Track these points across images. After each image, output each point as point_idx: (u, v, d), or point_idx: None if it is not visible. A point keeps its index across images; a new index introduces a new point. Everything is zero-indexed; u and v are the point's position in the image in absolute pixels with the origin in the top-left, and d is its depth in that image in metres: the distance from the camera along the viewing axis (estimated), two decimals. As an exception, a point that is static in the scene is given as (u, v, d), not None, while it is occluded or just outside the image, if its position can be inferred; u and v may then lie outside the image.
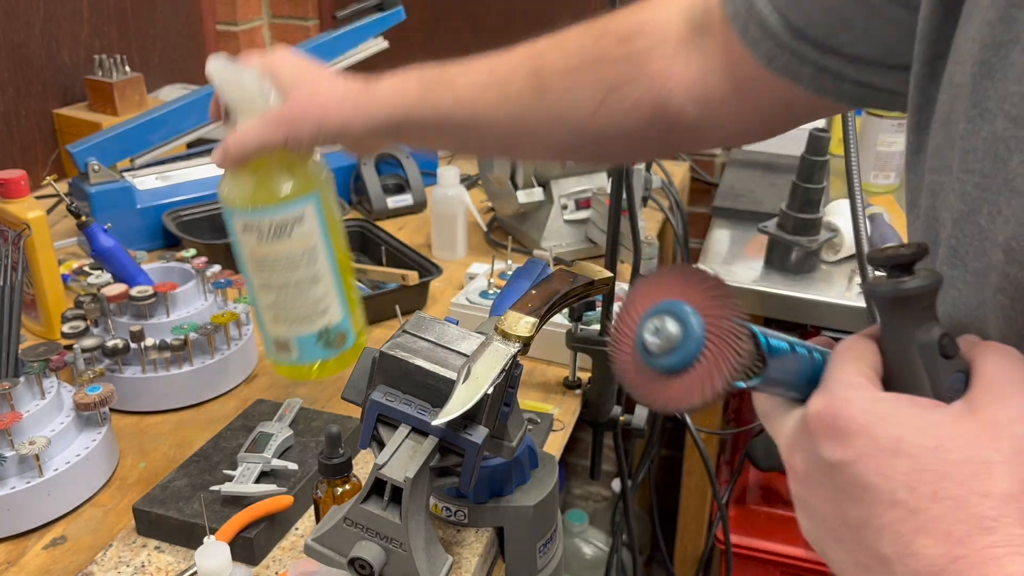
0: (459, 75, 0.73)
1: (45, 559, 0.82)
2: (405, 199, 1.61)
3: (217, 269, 1.12)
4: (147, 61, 1.86)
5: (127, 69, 1.66)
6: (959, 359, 0.41)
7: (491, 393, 0.64)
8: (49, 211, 1.41)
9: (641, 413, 1.11)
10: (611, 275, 0.80)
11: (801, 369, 0.42)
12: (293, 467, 0.87)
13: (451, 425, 0.64)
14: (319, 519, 0.80)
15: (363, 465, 0.90)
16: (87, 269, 1.27)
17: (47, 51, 1.62)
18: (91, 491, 0.90)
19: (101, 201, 1.39)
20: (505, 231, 1.54)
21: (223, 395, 1.07)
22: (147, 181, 1.46)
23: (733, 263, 1.49)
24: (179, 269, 1.12)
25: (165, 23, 1.90)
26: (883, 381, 0.41)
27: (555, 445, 1.02)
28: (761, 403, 0.46)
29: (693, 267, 0.39)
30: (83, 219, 1.08)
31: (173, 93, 1.81)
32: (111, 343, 1.01)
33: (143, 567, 0.79)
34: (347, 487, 0.78)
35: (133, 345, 1.01)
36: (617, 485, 1.84)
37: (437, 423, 0.63)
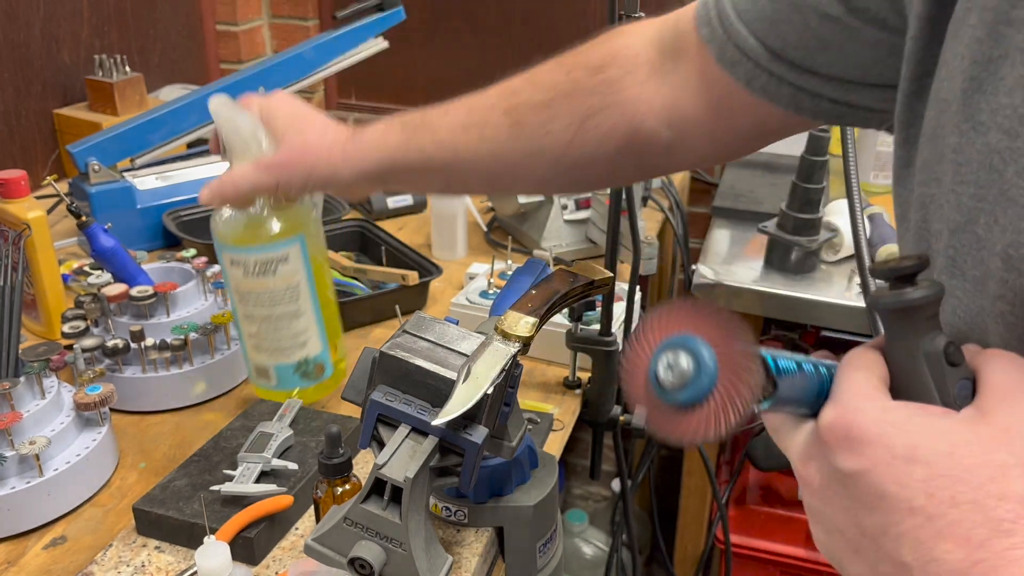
0: (439, 118, 0.75)
1: (45, 559, 0.82)
2: (405, 199, 1.62)
3: (217, 269, 1.12)
4: (147, 61, 1.86)
5: (127, 69, 1.66)
6: (964, 367, 0.41)
7: (491, 393, 0.64)
8: (49, 211, 1.41)
9: (641, 413, 1.11)
10: (611, 275, 0.80)
11: (809, 386, 0.43)
12: (293, 467, 0.87)
13: (451, 425, 0.64)
14: (319, 519, 0.80)
15: (363, 465, 0.90)
16: (87, 269, 1.27)
17: (47, 51, 1.62)
18: (91, 491, 0.90)
19: (101, 201, 1.39)
20: (505, 231, 1.54)
21: (223, 395, 1.07)
22: (147, 181, 1.46)
23: (733, 263, 1.49)
24: (179, 269, 1.12)
25: (165, 23, 1.90)
26: (891, 391, 0.41)
27: (555, 445, 1.02)
28: (771, 419, 0.46)
29: (702, 300, 0.40)
30: (83, 219, 1.09)
31: (173, 93, 1.81)
32: (111, 343, 1.01)
33: (143, 567, 0.79)
34: (347, 487, 0.78)
35: (133, 345, 1.01)
36: (617, 485, 1.84)
37: (437, 423, 0.63)
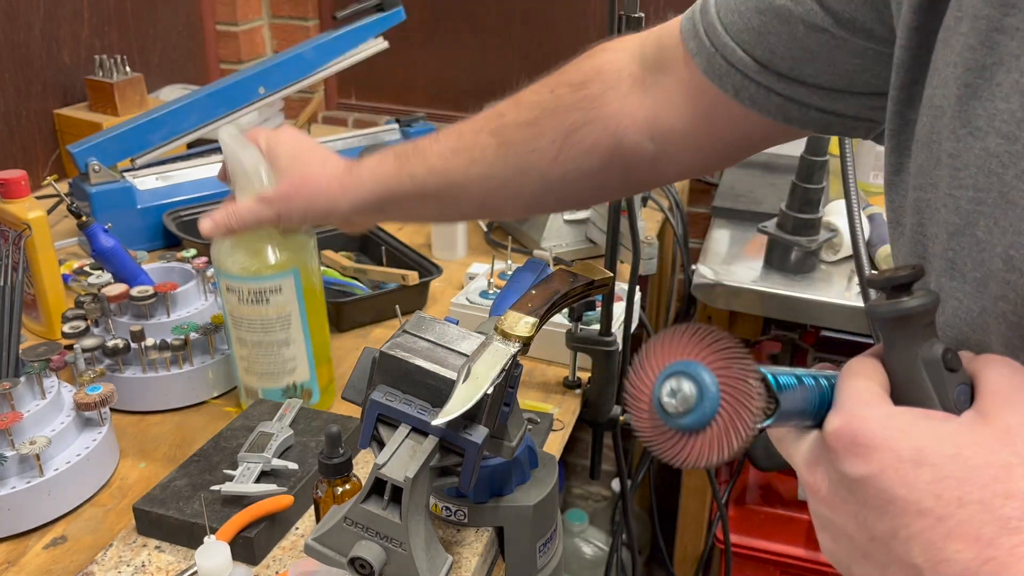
0: (429, 145, 0.77)
1: (45, 559, 0.83)
2: (405, 199, 1.61)
3: (217, 269, 1.12)
4: (147, 61, 1.86)
5: (127, 69, 1.66)
6: (962, 372, 0.42)
7: (491, 393, 0.64)
8: (49, 211, 1.41)
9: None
10: (611, 275, 0.80)
11: (811, 397, 0.43)
12: (293, 467, 0.87)
13: (451, 425, 0.64)
14: (319, 519, 0.80)
15: (363, 465, 0.90)
16: (87, 269, 1.27)
17: (47, 51, 1.62)
18: (91, 491, 0.90)
19: (101, 201, 1.39)
20: (505, 231, 1.54)
21: (223, 395, 1.07)
22: (147, 181, 1.46)
23: (733, 263, 1.49)
24: (179, 269, 1.13)
25: (165, 23, 1.91)
26: (891, 398, 0.42)
27: (555, 445, 1.02)
28: (775, 431, 0.46)
29: (703, 326, 0.40)
30: (83, 219, 1.09)
31: (173, 93, 1.81)
32: (111, 343, 1.01)
33: (143, 567, 0.79)
34: (347, 487, 0.78)
35: (133, 345, 1.01)
36: (617, 485, 1.84)
37: (437, 423, 0.63)
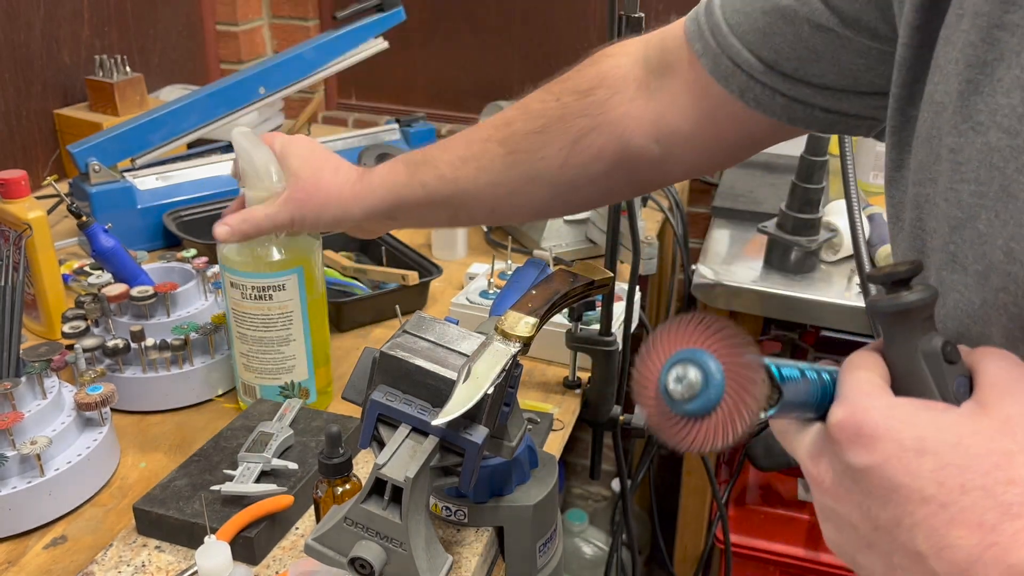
0: (439, 154, 0.79)
1: (46, 559, 0.83)
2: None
3: (217, 269, 1.12)
4: (147, 61, 1.86)
5: (127, 69, 1.66)
6: (961, 365, 0.42)
7: (491, 393, 0.64)
8: (50, 211, 1.41)
9: (641, 413, 1.12)
10: (611, 275, 0.81)
11: (813, 390, 0.44)
12: (293, 467, 0.87)
13: (451, 425, 0.64)
14: (319, 519, 0.80)
15: (363, 465, 0.90)
16: (88, 269, 1.27)
17: (48, 51, 1.62)
18: (92, 491, 0.90)
19: (102, 201, 1.39)
20: (505, 231, 1.54)
21: (223, 395, 1.07)
22: (147, 181, 1.46)
23: (733, 263, 1.49)
24: (179, 269, 1.13)
25: (165, 23, 1.91)
26: (892, 391, 0.43)
27: (555, 445, 1.02)
28: (778, 424, 0.47)
29: (709, 316, 0.41)
30: (84, 219, 1.09)
31: (173, 93, 1.81)
32: (112, 343, 1.01)
33: (143, 567, 0.79)
34: (347, 487, 0.78)
35: (134, 345, 1.01)
36: (617, 485, 1.84)
37: (437, 423, 0.64)
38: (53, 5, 1.61)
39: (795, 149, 1.39)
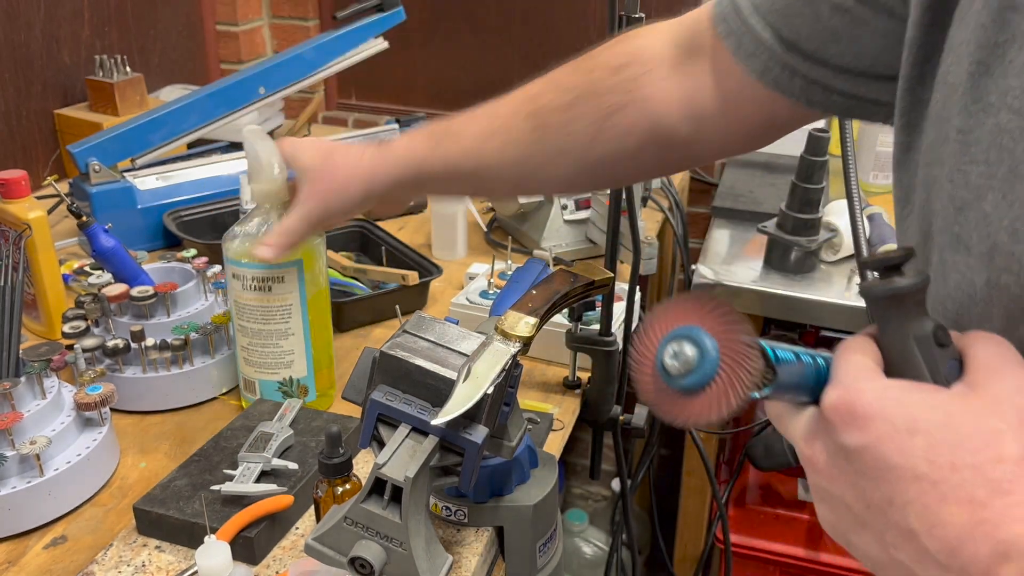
0: (462, 126, 0.78)
1: (46, 559, 0.83)
2: (405, 199, 1.61)
3: (218, 269, 1.12)
4: (147, 61, 1.86)
5: (128, 69, 1.66)
6: (952, 348, 0.44)
7: (491, 393, 0.64)
8: (50, 211, 1.41)
9: (641, 413, 1.12)
10: (611, 275, 0.81)
11: (807, 374, 0.45)
12: (293, 467, 0.87)
13: (451, 425, 0.64)
14: (319, 518, 0.80)
15: (363, 465, 0.90)
16: (88, 269, 1.27)
17: (48, 51, 1.62)
18: (92, 491, 0.90)
19: (102, 201, 1.39)
20: (505, 231, 1.54)
21: (223, 395, 1.07)
22: (148, 181, 1.46)
23: (733, 263, 1.49)
24: (180, 269, 1.13)
25: (165, 23, 1.91)
26: (885, 374, 0.43)
27: (555, 445, 1.02)
28: (773, 408, 0.48)
29: (705, 294, 0.43)
30: (84, 219, 1.09)
31: (173, 93, 1.81)
32: (112, 343, 1.01)
33: (144, 567, 0.79)
34: (347, 487, 0.78)
35: (134, 345, 1.01)
36: (617, 485, 1.84)
37: (437, 423, 0.64)
38: (53, 5, 1.61)
39: (795, 149, 1.39)
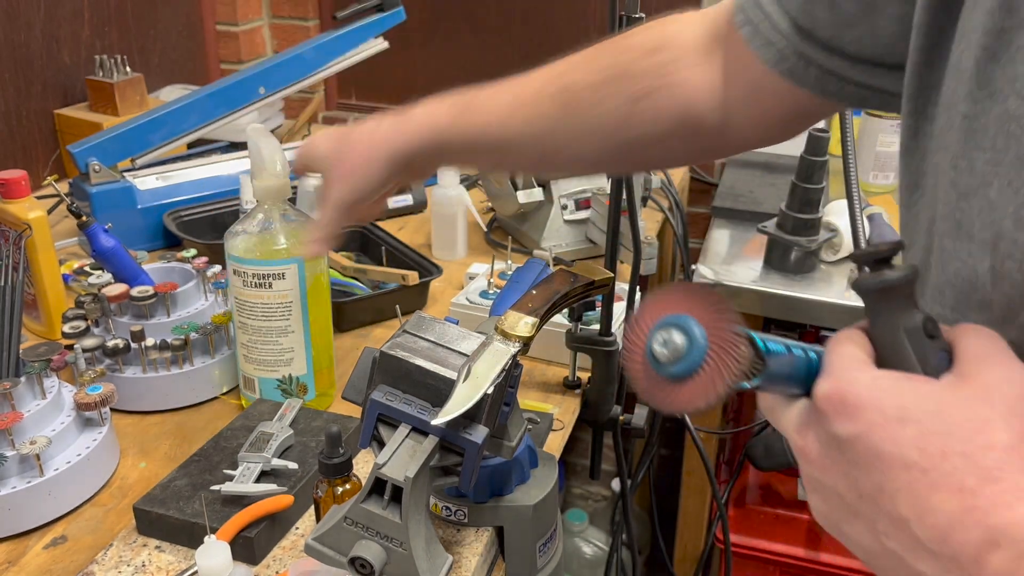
0: (488, 99, 0.76)
1: (46, 559, 0.83)
2: (405, 199, 1.61)
3: (218, 269, 1.12)
4: (147, 61, 1.86)
5: (128, 69, 1.66)
6: (941, 340, 0.44)
7: (491, 393, 0.64)
8: (50, 211, 1.41)
9: (641, 413, 1.12)
10: (611, 275, 0.80)
11: (799, 366, 0.46)
12: (293, 467, 0.87)
13: (451, 425, 0.64)
14: (319, 518, 0.80)
15: (363, 465, 0.90)
16: (88, 269, 1.27)
17: (48, 51, 1.62)
18: (92, 491, 0.90)
19: (102, 201, 1.39)
20: (505, 231, 1.54)
21: (223, 395, 1.07)
22: (148, 181, 1.46)
23: (732, 263, 1.49)
24: (180, 269, 1.13)
25: (165, 23, 1.91)
26: (876, 366, 0.44)
27: (555, 445, 1.02)
28: (765, 401, 0.49)
29: (696, 283, 0.43)
30: (84, 219, 1.09)
31: (174, 93, 1.81)
32: (112, 343, 1.01)
33: (144, 566, 0.79)
34: (347, 487, 0.78)
35: (134, 345, 1.01)
36: (617, 485, 1.84)
37: (437, 423, 0.64)
38: (53, 5, 1.61)
39: (795, 149, 1.39)
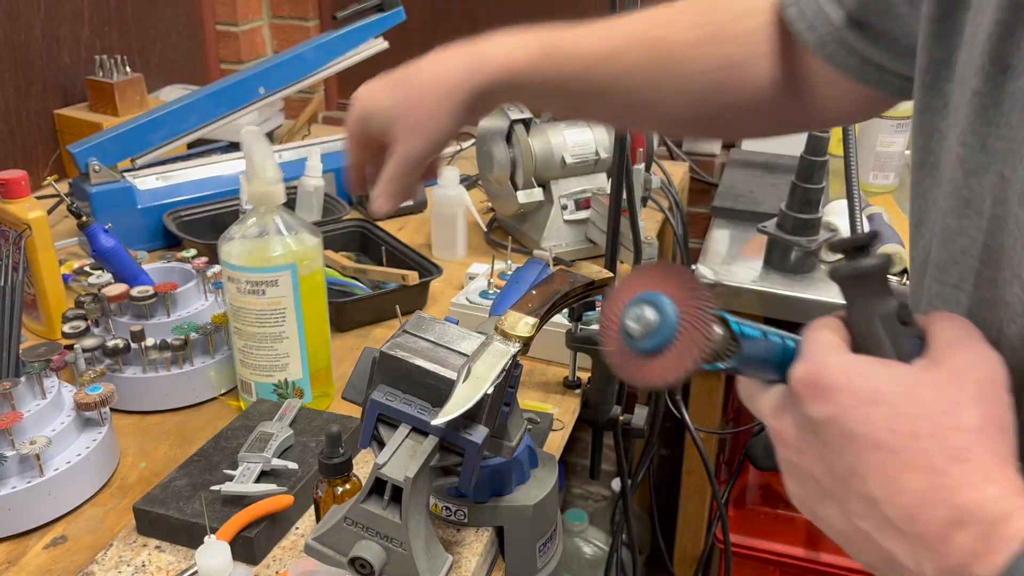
0: (574, 42, 0.71)
1: (46, 559, 0.83)
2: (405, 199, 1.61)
3: (217, 269, 1.12)
4: (147, 61, 1.86)
5: (127, 69, 1.66)
6: (914, 327, 0.46)
7: (491, 393, 0.64)
8: (50, 211, 1.41)
9: (641, 413, 1.12)
10: (611, 275, 0.80)
11: (774, 351, 0.47)
12: (293, 467, 0.87)
13: (451, 425, 0.64)
14: (319, 518, 0.80)
15: (363, 465, 0.90)
16: (88, 269, 1.27)
17: (48, 51, 1.62)
18: (92, 491, 0.90)
19: (102, 201, 1.39)
20: (505, 231, 1.54)
21: (223, 395, 1.07)
22: (148, 181, 1.46)
23: (732, 263, 1.49)
24: (180, 269, 1.13)
25: (165, 23, 1.91)
26: (852, 351, 0.45)
27: (555, 445, 1.02)
28: (744, 387, 0.50)
29: (671, 264, 0.44)
30: (84, 219, 1.09)
31: (173, 93, 1.81)
32: (112, 343, 1.01)
33: (144, 567, 0.79)
34: (347, 487, 0.78)
35: (134, 345, 1.01)
36: (617, 485, 1.84)
37: (437, 423, 0.64)
38: (53, 5, 1.61)
39: (795, 149, 1.39)
